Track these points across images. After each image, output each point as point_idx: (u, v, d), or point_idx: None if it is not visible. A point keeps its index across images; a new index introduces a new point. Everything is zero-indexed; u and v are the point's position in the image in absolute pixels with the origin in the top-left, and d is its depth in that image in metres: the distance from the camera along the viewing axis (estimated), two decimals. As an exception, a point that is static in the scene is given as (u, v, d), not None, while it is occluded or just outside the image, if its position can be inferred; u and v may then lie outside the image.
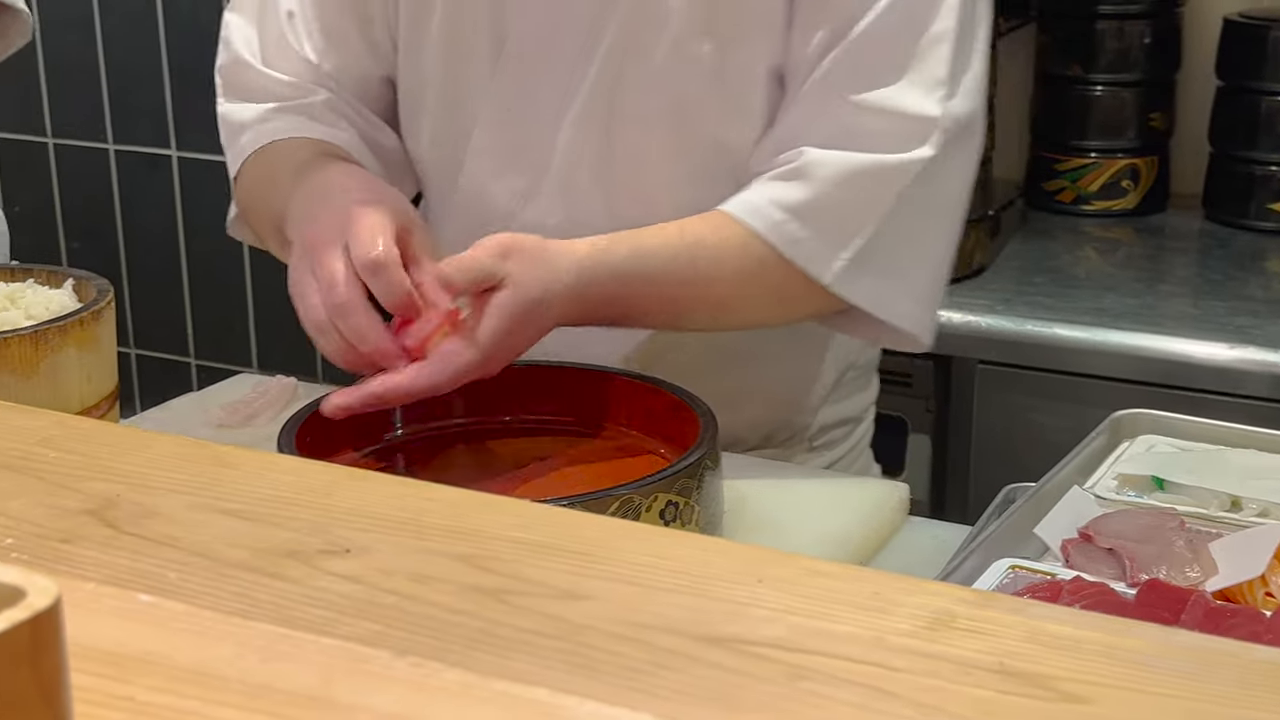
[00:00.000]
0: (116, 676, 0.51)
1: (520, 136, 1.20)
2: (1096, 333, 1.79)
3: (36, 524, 0.64)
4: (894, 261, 1.12)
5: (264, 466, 0.71)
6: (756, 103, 1.15)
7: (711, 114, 1.16)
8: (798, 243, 1.10)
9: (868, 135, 1.10)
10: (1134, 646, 0.55)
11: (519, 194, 1.21)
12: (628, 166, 1.19)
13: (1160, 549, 0.94)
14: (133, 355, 2.47)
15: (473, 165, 1.23)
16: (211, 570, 0.60)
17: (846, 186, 1.10)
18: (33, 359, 1.12)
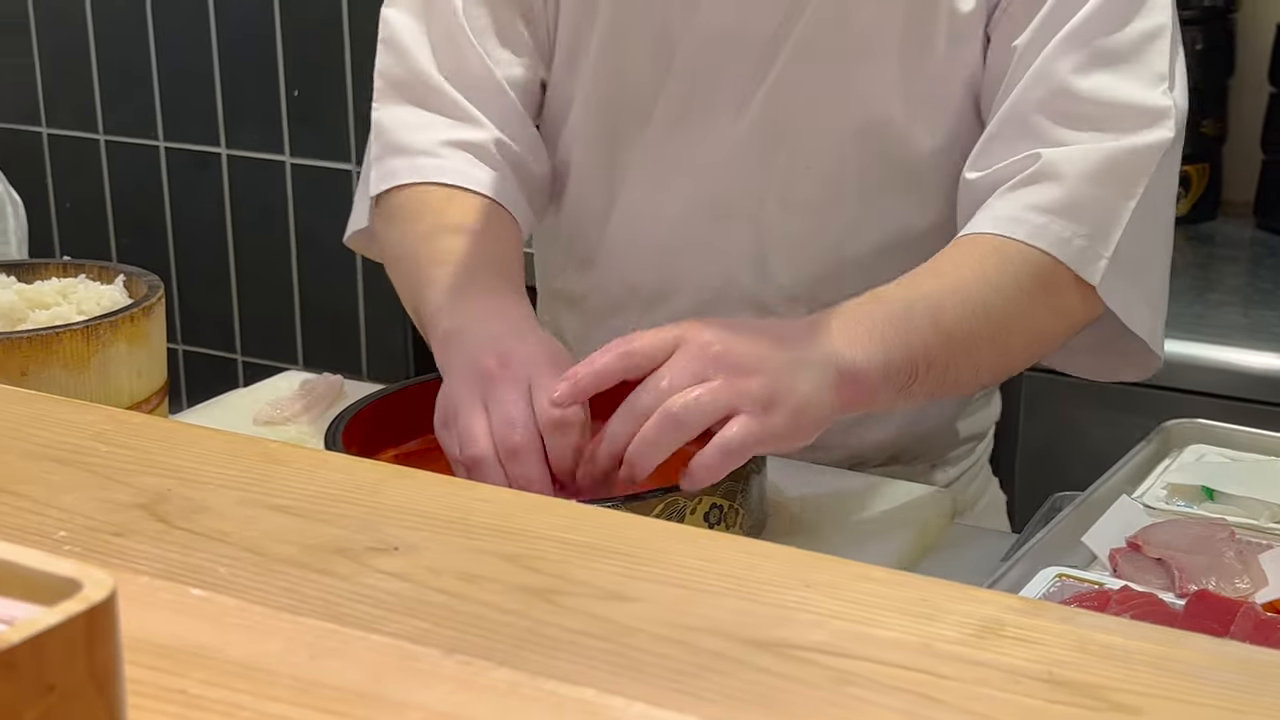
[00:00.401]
0: (169, 670, 0.51)
1: (685, 150, 1.19)
2: (1145, 340, 1.77)
3: (89, 517, 0.64)
4: (1135, 264, 1.08)
5: (313, 463, 0.71)
6: (947, 116, 1.14)
7: (898, 127, 1.14)
8: (1066, 243, 1.05)
9: (1104, 122, 1.07)
10: (1185, 658, 0.55)
11: (683, 194, 1.19)
12: (801, 180, 1.17)
13: (1210, 560, 0.93)
14: (180, 351, 2.49)
15: (634, 178, 1.21)
16: (261, 566, 0.60)
17: (1096, 178, 1.06)
18: (84, 354, 1.13)
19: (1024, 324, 1.06)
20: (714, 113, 1.17)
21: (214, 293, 2.44)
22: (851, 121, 1.15)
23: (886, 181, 1.17)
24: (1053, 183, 1.06)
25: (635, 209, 1.22)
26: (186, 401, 2.11)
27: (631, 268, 1.23)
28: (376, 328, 2.32)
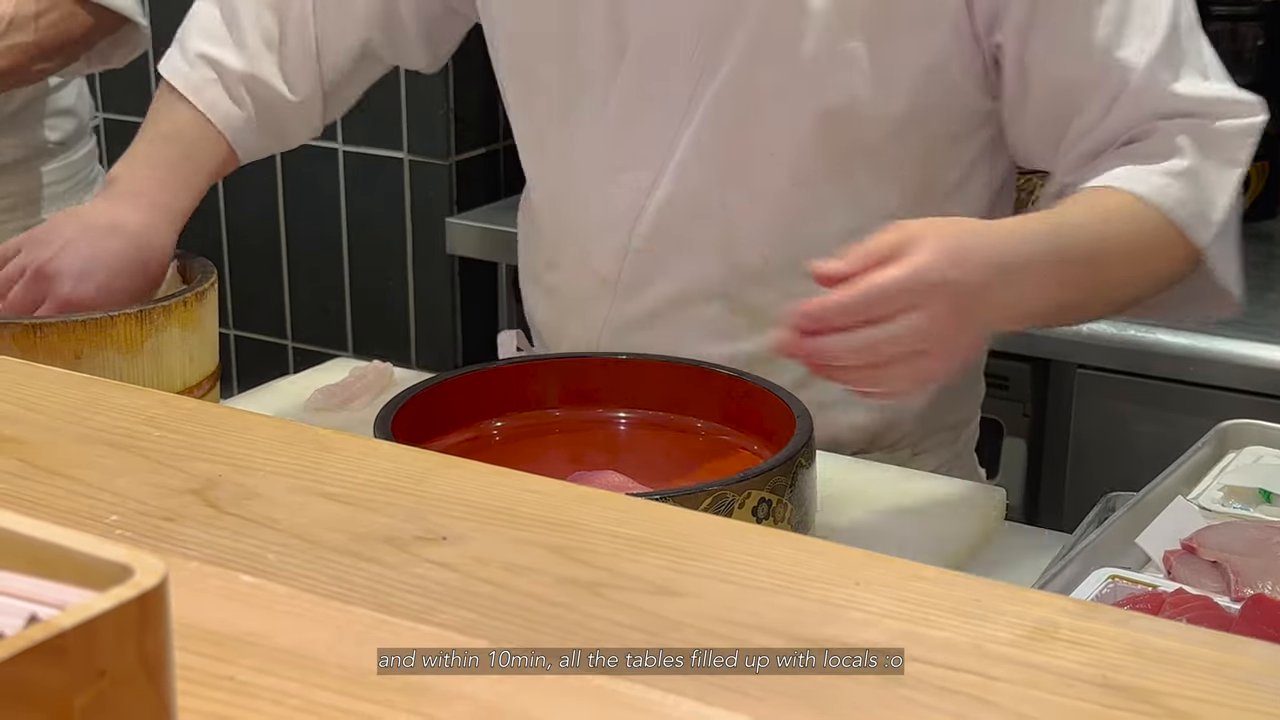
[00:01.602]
0: (219, 656, 0.52)
1: (642, 140, 1.20)
2: (1201, 340, 1.75)
3: (140, 501, 0.65)
4: (1228, 225, 1.13)
5: (363, 451, 0.72)
6: (910, 99, 1.14)
7: (861, 111, 1.14)
8: (1183, 205, 1.09)
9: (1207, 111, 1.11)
10: (1244, 665, 0.54)
11: (643, 189, 1.21)
12: (766, 168, 1.18)
13: (1267, 563, 0.91)
14: (231, 336, 2.51)
15: (591, 171, 1.23)
16: (311, 553, 0.60)
17: (1208, 151, 1.10)
18: (137, 338, 1.14)
19: (1145, 269, 1.11)
20: (669, 103, 1.18)
21: (266, 278, 2.46)
22: (814, 107, 1.15)
23: (850, 166, 1.17)
24: (1174, 156, 1.09)
25: (595, 202, 1.23)
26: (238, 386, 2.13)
27: (599, 260, 1.24)
28: (426, 316, 2.33)
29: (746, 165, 1.18)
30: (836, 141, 1.16)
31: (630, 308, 1.24)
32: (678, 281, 1.22)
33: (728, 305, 1.22)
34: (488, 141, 2.30)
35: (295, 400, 1.28)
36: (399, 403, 1.04)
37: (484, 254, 2.22)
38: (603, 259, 1.24)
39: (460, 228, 2.22)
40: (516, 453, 1.09)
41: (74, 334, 1.12)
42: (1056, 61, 1.12)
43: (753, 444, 1.08)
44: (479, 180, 2.29)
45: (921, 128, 1.17)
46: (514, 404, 1.12)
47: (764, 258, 1.20)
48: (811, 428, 1.01)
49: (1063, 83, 1.13)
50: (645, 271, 1.23)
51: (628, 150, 1.21)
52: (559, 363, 1.16)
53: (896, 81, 1.14)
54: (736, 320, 1.22)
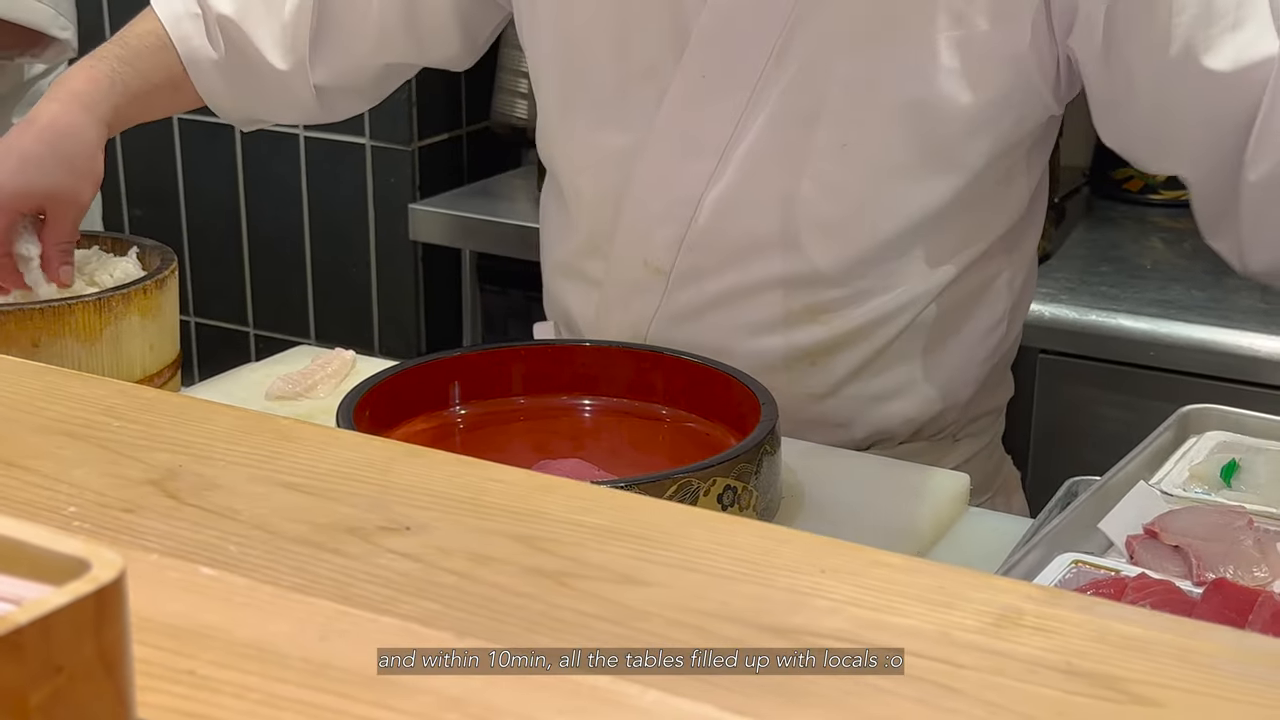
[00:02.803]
0: (178, 650, 0.51)
1: (704, 130, 1.18)
2: (1162, 325, 1.76)
3: (99, 493, 0.64)
4: None
5: (325, 441, 0.71)
6: (990, 94, 1.13)
7: (938, 106, 1.14)
8: None
9: None
10: (1207, 650, 0.54)
11: (704, 178, 1.19)
12: (837, 161, 1.16)
13: (1227, 548, 0.92)
14: (192, 323, 2.49)
15: (650, 160, 1.20)
16: (272, 544, 0.60)
17: None
18: (96, 326, 1.13)
19: None
20: (731, 93, 1.16)
21: (227, 265, 2.44)
22: (895, 99, 1.14)
23: (924, 161, 1.16)
24: None
25: (653, 191, 1.21)
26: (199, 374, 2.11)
27: (653, 251, 1.22)
28: (389, 302, 2.31)
29: (816, 157, 1.16)
30: (913, 136, 1.15)
31: (683, 299, 1.22)
32: (735, 274, 1.20)
33: (785, 299, 1.20)
34: (450, 128, 2.29)
35: (257, 388, 1.27)
36: (361, 391, 1.03)
37: (447, 240, 2.21)
38: (657, 249, 1.22)
39: (423, 214, 2.20)
40: (481, 441, 1.08)
41: (31, 322, 1.11)
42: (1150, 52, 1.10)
43: (718, 430, 1.08)
44: (442, 166, 2.28)
45: (995, 125, 1.16)
46: (478, 391, 1.12)
47: (826, 252, 1.19)
48: (776, 414, 1.01)
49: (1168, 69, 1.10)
50: (702, 263, 1.21)
51: (690, 138, 1.18)
52: (523, 350, 1.15)
53: (978, 76, 1.12)
54: (793, 314, 1.20)
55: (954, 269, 1.22)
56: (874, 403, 1.22)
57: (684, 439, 1.09)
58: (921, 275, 1.21)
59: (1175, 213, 2.17)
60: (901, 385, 1.24)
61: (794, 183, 1.17)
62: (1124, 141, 1.19)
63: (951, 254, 1.21)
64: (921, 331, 1.23)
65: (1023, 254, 1.28)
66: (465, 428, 1.11)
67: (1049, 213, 1.96)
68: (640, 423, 1.11)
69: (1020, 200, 1.24)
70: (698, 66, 1.16)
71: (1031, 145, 1.22)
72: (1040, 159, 1.25)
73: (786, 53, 1.14)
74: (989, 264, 1.25)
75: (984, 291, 1.25)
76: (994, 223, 1.23)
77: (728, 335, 1.19)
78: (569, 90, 1.25)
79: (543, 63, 1.27)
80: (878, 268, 1.19)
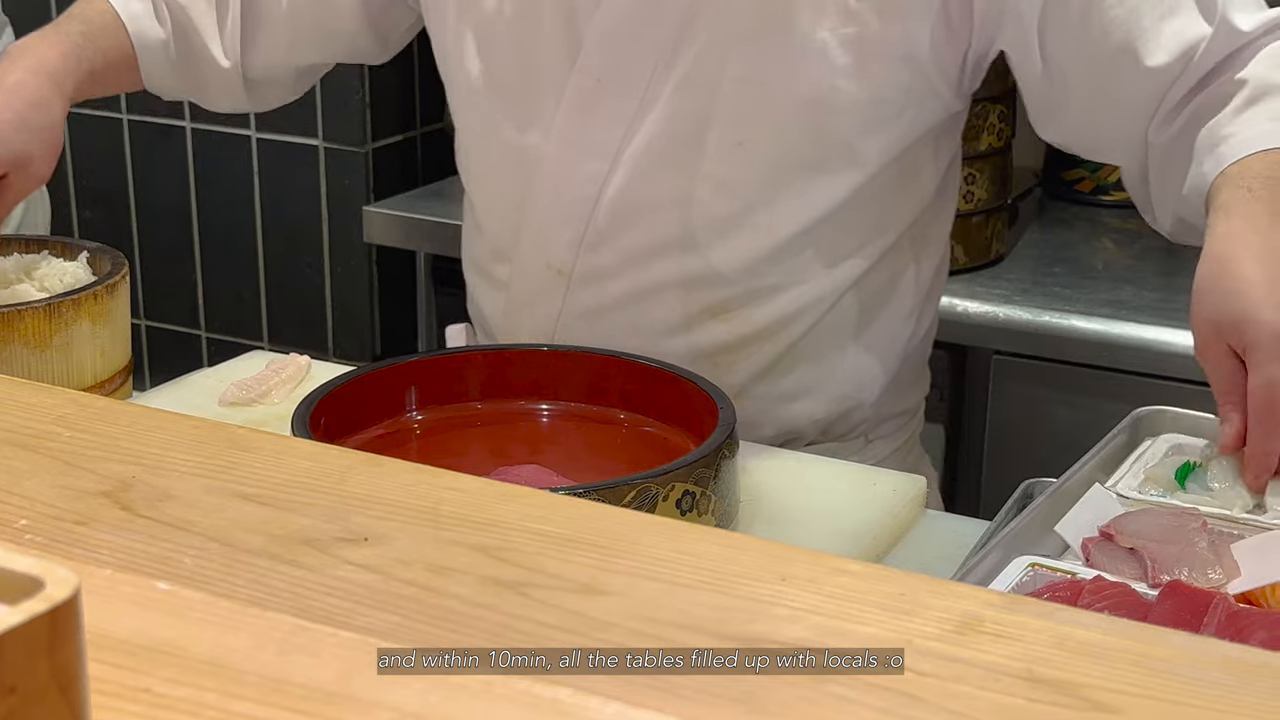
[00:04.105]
0: (134, 667, 0.50)
1: (599, 134, 1.19)
2: (1114, 325, 1.78)
3: (51, 505, 0.63)
4: None
5: (280, 450, 0.70)
6: (884, 90, 1.14)
7: (832, 104, 1.14)
8: None
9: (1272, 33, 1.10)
10: (1164, 655, 0.54)
11: (599, 180, 1.19)
12: (734, 161, 1.17)
13: (1182, 550, 0.92)
14: (143, 327, 2.46)
15: (548, 165, 1.21)
16: (228, 557, 0.59)
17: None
18: (46, 332, 1.11)
19: None
20: (624, 95, 1.17)
21: (178, 268, 2.42)
22: (788, 96, 1.14)
23: (821, 157, 1.17)
24: (1275, 95, 1.07)
25: (552, 193, 1.22)
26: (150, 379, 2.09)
27: (555, 252, 1.23)
28: (343, 305, 2.30)
29: (710, 156, 1.17)
30: (808, 132, 1.15)
31: (585, 300, 1.22)
32: (634, 275, 1.21)
33: (685, 299, 1.21)
34: (404, 129, 2.28)
35: (210, 394, 1.25)
36: (317, 397, 1.03)
37: (402, 242, 2.20)
38: (558, 251, 1.22)
39: (377, 216, 2.19)
40: (438, 446, 1.08)
41: (-21, 328, 1.09)
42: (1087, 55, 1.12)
43: (676, 435, 1.07)
44: (396, 168, 2.27)
45: (893, 121, 1.16)
46: (434, 397, 1.11)
47: (724, 251, 1.19)
48: (734, 418, 1.01)
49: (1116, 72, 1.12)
50: (602, 264, 1.21)
51: (585, 140, 1.19)
52: (480, 355, 1.15)
53: (871, 73, 1.13)
54: (693, 315, 1.21)
55: (858, 265, 1.22)
56: (781, 403, 1.22)
57: (641, 443, 1.09)
58: (824, 273, 1.21)
59: (1126, 214, 2.19)
60: (809, 385, 1.24)
61: (689, 183, 1.18)
62: (1062, 137, 1.21)
63: (854, 250, 1.22)
64: (828, 330, 1.23)
65: (932, 248, 1.29)
66: (422, 433, 1.10)
67: (1001, 214, 1.99)
68: (598, 427, 1.11)
69: (925, 193, 1.24)
70: (592, 69, 1.17)
71: (936, 138, 1.22)
72: (947, 150, 1.25)
73: (677, 53, 1.15)
74: (895, 259, 1.25)
75: (891, 287, 1.26)
76: (898, 217, 1.23)
77: (631, 336, 1.19)
78: (472, 94, 1.26)
79: (448, 68, 1.28)
80: (778, 266, 1.20)
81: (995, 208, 1.96)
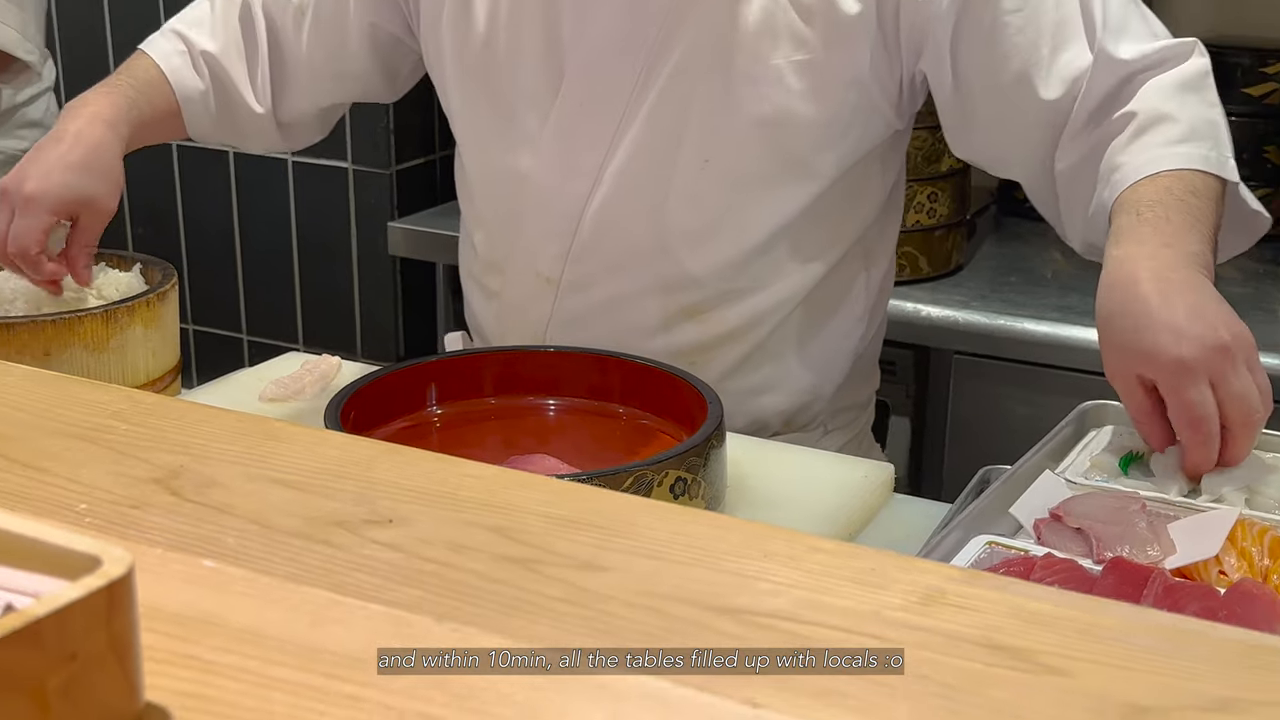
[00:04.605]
0: (183, 636, 0.50)
1: (584, 142, 1.19)
2: (1062, 328, 1.78)
3: (108, 491, 0.63)
4: None
5: (314, 441, 0.70)
6: (834, 110, 1.14)
7: (790, 122, 1.14)
8: (1206, 158, 1.05)
9: (1158, 67, 1.08)
10: (1108, 624, 0.54)
11: (583, 197, 1.20)
12: (701, 175, 1.17)
13: (1124, 529, 0.92)
14: (190, 331, 2.46)
15: (535, 182, 1.21)
16: (266, 537, 0.59)
17: (1194, 99, 1.08)
18: (103, 336, 1.11)
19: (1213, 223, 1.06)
20: (603, 119, 1.17)
21: (222, 278, 2.41)
22: (748, 118, 1.15)
23: (779, 171, 1.17)
24: (1167, 123, 1.06)
25: (540, 210, 1.22)
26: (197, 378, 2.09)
27: (543, 263, 1.23)
28: (370, 311, 2.30)
29: (680, 172, 1.17)
30: (766, 150, 1.16)
31: (572, 306, 1.23)
32: (616, 281, 1.21)
33: (663, 302, 1.21)
34: (425, 152, 2.28)
35: (250, 391, 1.25)
36: (347, 394, 1.02)
37: (423, 255, 2.20)
38: (546, 262, 1.23)
39: (401, 231, 2.19)
40: (456, 438, 1.08)
41: (43, 332, 1.09)
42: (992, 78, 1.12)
43: (669, 427, 1.07)
44: (418, 187, 2.27)
45: (842, 139, 1.17)
46: (453, 393, 1.11)
47: (695, 257, 1.19)
48: (722, 412, 1.00)
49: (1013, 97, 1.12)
50: (586, 272, 1.22)
51: (570, 162, 1.19)
52: (494, 355, 1.15)
53: (821, 96, 1.14)
54: (670, 316, 1.21)
55: (816, 270, 1.23)
56: (750, 396, 1.22)
57: (638, 435, 1.08)
58: (786, 277, 1.22)
59: (1073, 228, 2.18)
60: (773, 380, 1.25)
61: (662, 197, 1.18)
62: (971, 154, 1.21)
63: (812, 256, 1.22)
64: (790, 330, 1.24)
65: (879, 258, 1.29)
66: (441, 426, 1.10)
67: (961, 229, 1.99)
68: (599, 420, 1.11)
69: (873, 206, 1.25)
70: (574, 97, 1.18)
71: (882, 156, 1.22)
72: (894, 165, 1.25)
73: (649, 81, 1.15)
74: (848, 268, 1.26)
75: (845, 293, 1.26)
76: (849, 229, 1.24)
77: (616, 337, 1.19)
78: (468, 122, 1.27)
79: (447, 100, 1.29)
80: (745, 271, 1.20)
81: (955, 223, 1.97)
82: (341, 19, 1.31)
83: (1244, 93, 2.09)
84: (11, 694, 0.40)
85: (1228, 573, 0.89)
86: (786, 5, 1.12)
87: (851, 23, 1.11)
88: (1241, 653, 0.52)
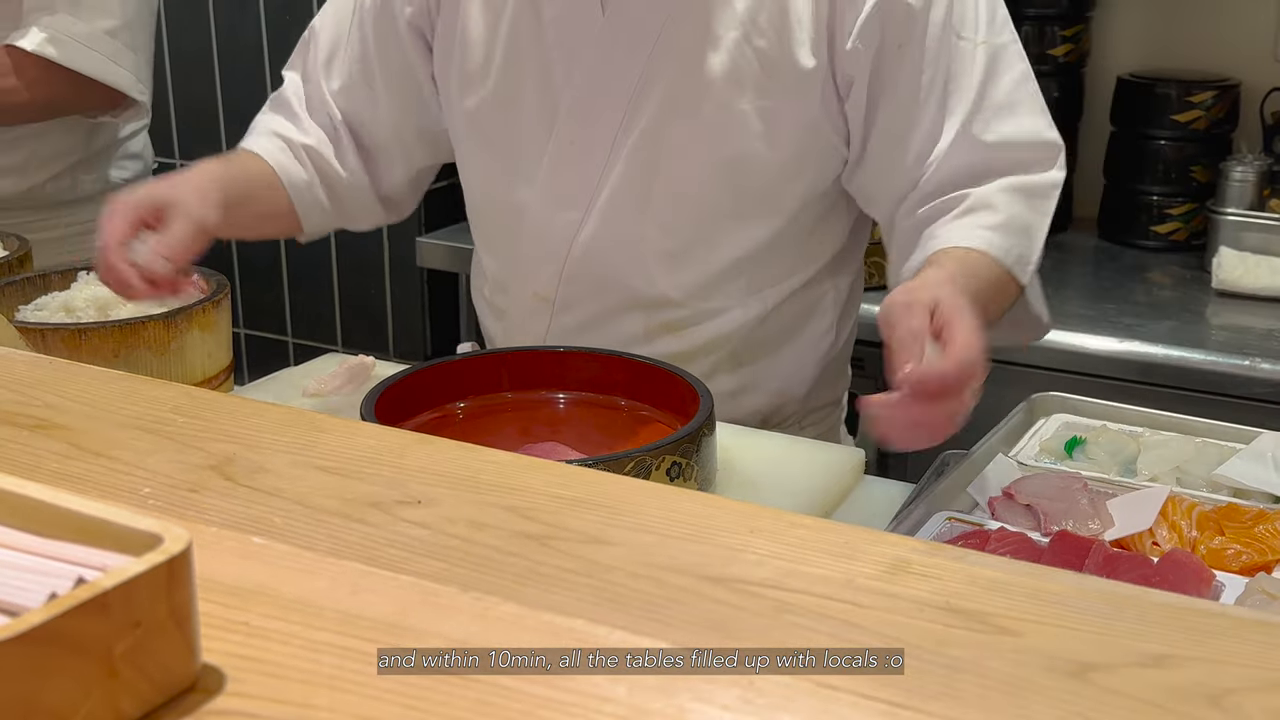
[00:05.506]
0: (236, 605, 0.50)
1: (575, 177, 1.18)
2: (1013, 328, 1.77)
3: (168, 476, 0.63)
4: (1037, 265, 1.11)
5: (351, 431, 0.70)
6: (793, 151, 1.13)
7: (754, 162, 1.13)
8: (1008, 253, 1.06)
9: (1014, 166, 1.08)
10: (1055, 590, 0.54)
11: (574, 225, 1.19)
12: (675, 208, 1.16)
13: (1068, 506, 0.93)
14: (242, 334, 2.46)
15: (535, 204, 1.21)
16: (309, 517, 0.59)
17: (1024, 204, 1.08)
18: (165, 339, 1.11)
19: (998, 304, 1.07)
20: (592, 156, 1.16)
21: (270, 287, 2.41)
22: (715, 157, 1.14)
23: (745, 205, 1.16)
24: (987, 211, 1.07)
25: (537, 238, 1.21)
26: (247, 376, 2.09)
27: (540, 284, 1.23)
28: (401, 315, 2.30)
29: (657, 204, 1.17)
30: (730, 186, 1.15)
31: (566, 322, 1.23)
32: (604, 299, 1.21)
33: (645, 318, 1.21)
34: (450, 175, 2.27)
35: (295, 388, 1.25)
36: (380, 389, 1.02)
37: (448, 266, 2.20)
38: (542, 283, 1.23)
39: (428, 245, 2.20)
40: (477, 428, 1.07)
41: (112, 336, 1.09)
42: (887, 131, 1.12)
43: (666, 417, 1.07)
44: (444, 206, 2.26)
45: (800, 176, 1.16)
46: (474, 389, 1.11)
47: (671, 280, 1.19)
48: (712, 405, 1.00)
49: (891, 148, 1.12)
50: (577, 292, 1.22)
51: (562, 195, 1.19)
52: (510, 355, 1.15)
53: (781, 137, 1.13)
54: (652, 330, 1.21)
55: (784, 291, 1.22)
56: (729, 398, 1.22)
57: (638, 424, 1.08)
58: (756, 297, 1.21)
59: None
60: (749, 384, 1.24)
61: (641, 226, 1.17)
62: (851, 188, 1.19)
63: (779, 279, 1.21)
64: (762, 341, 1.23)
65: (848, 274, 1.27)
66: (464, 418, 1.10)
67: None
68: (604, 412, 1.11)
69: (840, 232, 1.23)
70: (566, 136, 1.17)
71: (845, 189, 1.21)
72: None
73: (632, 122, 1.15)
74: (816, 286, 1.24)
75: (813, 308, 1.25)
76: (817, 253, 1.23)
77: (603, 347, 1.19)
78: (474, 160, 1.26)
79: (456, 140, 1.27)
80: (717, 291, 1.20)
81: (918, 235, 1.96)
82: (409, 76, 1.27)
83: (1173, 120, 2.10)
84: (83, 657, 0.40)
85: (1160, 543, 0.89)
86: (751, 56, 1.11)
87: (807, 75, 1.11)
88: (1173, 614, 0.52)
